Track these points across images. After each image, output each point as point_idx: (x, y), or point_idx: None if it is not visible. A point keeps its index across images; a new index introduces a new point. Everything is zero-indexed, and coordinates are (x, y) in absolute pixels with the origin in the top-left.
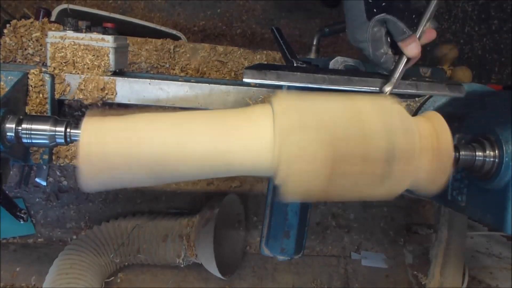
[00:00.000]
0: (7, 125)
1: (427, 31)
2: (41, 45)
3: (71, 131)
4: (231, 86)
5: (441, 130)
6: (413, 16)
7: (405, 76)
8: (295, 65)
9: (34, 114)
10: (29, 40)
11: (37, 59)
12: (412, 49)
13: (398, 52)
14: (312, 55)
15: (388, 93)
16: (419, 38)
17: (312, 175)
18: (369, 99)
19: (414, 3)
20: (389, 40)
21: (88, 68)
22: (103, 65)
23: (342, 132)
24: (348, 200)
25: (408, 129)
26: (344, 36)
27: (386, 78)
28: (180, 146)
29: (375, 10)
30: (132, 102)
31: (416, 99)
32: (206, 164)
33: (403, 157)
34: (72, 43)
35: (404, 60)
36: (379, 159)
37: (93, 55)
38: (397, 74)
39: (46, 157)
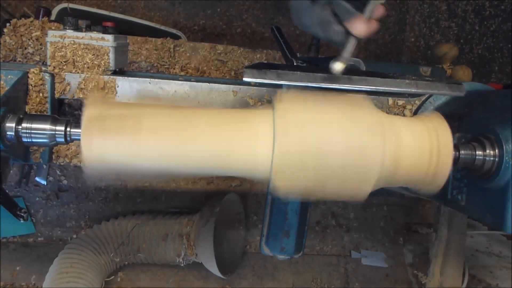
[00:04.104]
0: (7, 124)
1: (376, 7)
2: (41, 44)
3: (71, 130)
4: (231, 85)
5: (441, 130)
6: None
7: (405, 75)
8: (295, 64)
9: (34, 113)
10: (29, 39)
11: (37, 58)
12: (358, 28)
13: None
14: (312, 54)
15: (338, 72)
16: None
17: (303, 186)
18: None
19: None
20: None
21: (88, 67)
22: (103, 64)
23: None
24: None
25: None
26: None
27: (386, 77)
28: (182, 146)
29: None
30: (132, 101)
31: (416, 99)
32: (205, 166)
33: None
34: (72, 42)
35: (352, 40)
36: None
37: (93, 54)
38: (346, 53)
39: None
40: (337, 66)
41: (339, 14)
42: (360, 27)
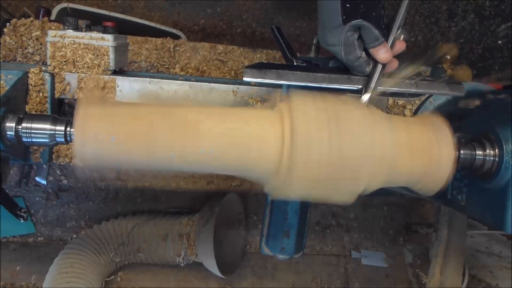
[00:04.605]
0: (7, 124)
1: (397, 42)
2: (41, 44)
3: (71, 130)
4: (231, 85)
5: (441, 130)
6: (385, 22)
7: (405, 75)
8: (295, 64)
9: (34, 113)
10: (29, 39)
11: (37, 58)
12: (383, 53)
13: (371, 58)
14: (312, 54)
15: (366, 102)
16: (391, 47)
17: (305, 191)
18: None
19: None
20: (362, 44)
21: (88, 67)
22: (103, 64)
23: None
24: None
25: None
26: None
27: (386, 76)
28: (185, 150)
29: (352, 14)
30: (132, 101)
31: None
32: (206, 168)
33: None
34: (72, 42)
35: (379, 68)
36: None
37: (93, 54)
38: (373, 84)
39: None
40: (365, 98)
41: (366, 40)
42: (385, 53)
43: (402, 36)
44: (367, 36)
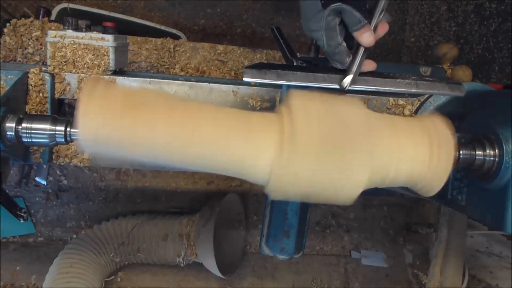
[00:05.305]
0: (7, 124)
1: (380, 24)
2: (41, 44)
3: (71, 130)
4: (231, 85)
5: (441, 130)
6: (367, 7)
7: (405, 75)
8: (295, 64)
9: (34, 113)
10: (29, 39)
11: (37, 58)
12: (367, 37)
13: (351, 46)
14: (312, 54)
15: (347, 86)
16: (374, 30)
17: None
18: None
19: None
20: (343, 31)
21: (88, 67)
22: (103, 64)
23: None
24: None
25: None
26: None
27: (387, 77)
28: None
29: None
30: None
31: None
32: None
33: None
34: (72, 42)
35: (361, 50)
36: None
37: (93, 54)
38: (355, 66)
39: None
40: (347, 80)
41: (348, 24)
42: (368, 37)
43: (382, 17)
44: (349, 19)
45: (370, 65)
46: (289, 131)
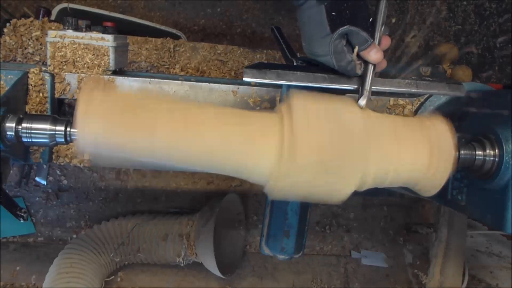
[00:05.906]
0: (7, 124)
1: (383, 38)
2: (41, 44)
3: (71, 130)
4: (231, 85)
5: (441, 130)
6: (370, 20)
7: (405, 75)
8: (295, 64)
9: (34, 113)
10: (29, 39)
11: (37, 58)
12: (374, 54)
13: (361, 59)
14: None
15: (364, 106)
16: (378, 44)
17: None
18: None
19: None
20: (350, 48)
21: (88, 67)
22: (103, 64)
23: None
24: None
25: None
26: None
27: (386, 77)
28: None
29: (338, 22)
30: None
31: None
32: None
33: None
34: (72, 42)
35: (371, 68)
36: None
37: (93, 54)
38: (367, 85)
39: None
40: (362, 102)
41: (355, 44)
42: (376, 53)
43: (387, 32)
44: (356, 40)
45: (382, 64)
46: (289, 136)
